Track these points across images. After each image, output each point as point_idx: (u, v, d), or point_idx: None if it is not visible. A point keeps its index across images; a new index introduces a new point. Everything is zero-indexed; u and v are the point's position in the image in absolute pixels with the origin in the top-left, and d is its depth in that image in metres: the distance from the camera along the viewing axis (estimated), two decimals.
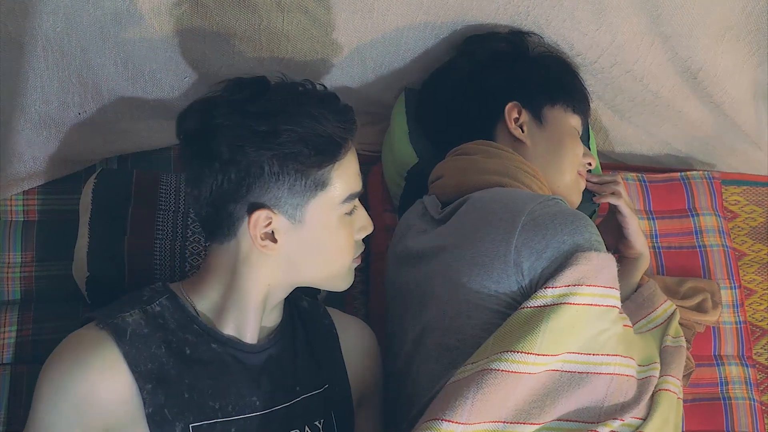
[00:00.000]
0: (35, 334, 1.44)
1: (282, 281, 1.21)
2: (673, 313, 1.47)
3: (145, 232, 1.45)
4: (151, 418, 1.09)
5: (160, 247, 1.45)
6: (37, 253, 1.51)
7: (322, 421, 1.23)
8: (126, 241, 1.43)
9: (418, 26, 1.49)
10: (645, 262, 1.57)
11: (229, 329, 1.20)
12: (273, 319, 1.26)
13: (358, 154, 1.74)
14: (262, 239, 1.15)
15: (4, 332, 1.43)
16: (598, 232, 1.23)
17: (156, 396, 1.10)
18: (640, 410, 1.20)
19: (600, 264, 1.18)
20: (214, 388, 1.15)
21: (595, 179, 1.59)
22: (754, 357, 1.72)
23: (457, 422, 1.10)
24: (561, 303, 1.15)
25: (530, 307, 1.15)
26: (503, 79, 1.47)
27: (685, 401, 1.59)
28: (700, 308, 1.62)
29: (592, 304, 1.17)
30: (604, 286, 1.19)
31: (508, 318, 1.16)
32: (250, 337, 1.21)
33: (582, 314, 1.16)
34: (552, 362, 1.14)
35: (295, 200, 1.15)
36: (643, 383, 1.24)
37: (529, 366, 1.12)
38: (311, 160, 1.14)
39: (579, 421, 1.15)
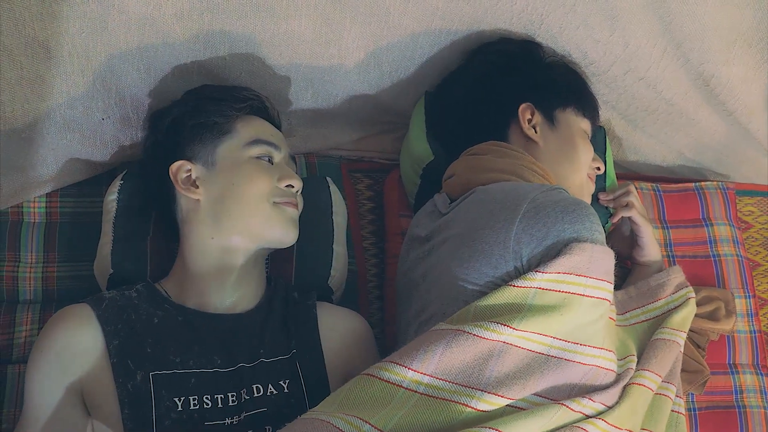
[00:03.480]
0: None
1: (220, 235, 1.33)
2: (681, 304, 1.48)
3: (168, 234, 1.48)
4: (115, 368, 1.22)
5: None
6: (59, 254, 1.54)
7: (287, 381, 1.29)
8: (149, 241, 1.46)
9: (433, 32, 1.51)
10: (658, 269, 1.59)
11: (192, 302, 1.33)
12: (247, 297, 1.36)
13: (373, 162, 1.80)
14: (184, 185, 1.35)
15: (26, 330, 1.46)
16: (599, 222, 1.24)
17: (121, 350, 1.24)
18: (608, 398, 1.20)
19: (594, 256, 1.19)
20: (176, 345, 1.26)
21: (609, 196, 1.61)
22: None
23: (423, 372, 1.13)
24: (549, 289, 1.16)
25: (517, 286, 1.16)
26: (517, 81, 1.50)
27: (699, 409, 1.61)
28: (712, 317, 1.63)
29: (583, 295, 1.18)
30: (597, 278, 1.19)
31: (493, 292, 1.17)
32: (213, 306, 1.33)
33: (571, 302, 1.17)
34: (536, 342, 1.16)
35: (206, 148, 1.37)
36: (619, 376, 1.25)
37: (504, 336, 1.14)
38: (213, 109, 1.38)
39: (547, 398, 1.15)
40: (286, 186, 1.37)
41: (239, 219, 1.33)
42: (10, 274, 1.51)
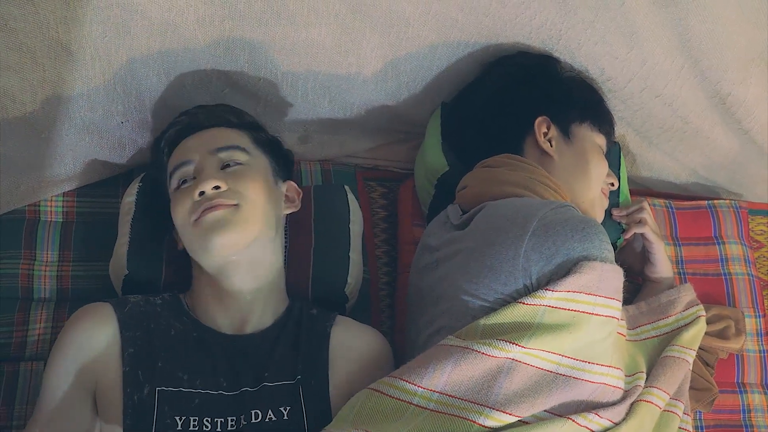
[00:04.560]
0: None
1: (202, 264, 1.33)
2: (692, 322, 1.49)
3: None
4: (126, 376, 1.23)
5: None
6: (75, 254, 1.55)
7: (288, 408, 1.25)
8: (165, 244, 1.47)
9: (452, 43, 1.52)
10: (669, 285, 1.59)
11: (207, 321, 1.33)
12: (255, 317, 1.34)
13: (389, 171, 1.80)
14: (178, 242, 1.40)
15: (40, 328, 1.47)
16: (608, 240, 1.25)
17: (134, 359, 1.25)
18: (615, 414, 1.21)
19: (604, 274, 1.19)
20: (186, 362, 1.26)
21: (622, 212, 1.62)
22: None
23: (432, 390, 1.14)
24: (558, 307, 1.17)
25: (527, 303, 1.17)
26: (534, 95, 1.51)
27: (707, 427, 1.62)
28: (722, 335, 1.63)
29: (592, 313, 1.18)
30: (606, 297, 1.20)
31: (501, 308, 1.18)
32: (225, 327, 1.32)
33: (580, 321, 1.18)
34: (544, 360, 1.16)
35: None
36: (627, 393, 1.26)
37: (512, 353, 1.15)
38: (157, 167, 1.42)
39: (555, 414, 1.16)
40: (199, 195, 1.29)
41: (192, 252, 1.33)
42: (26, 272, 1.52)
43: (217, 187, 1.29)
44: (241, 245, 1.28)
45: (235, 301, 1.33)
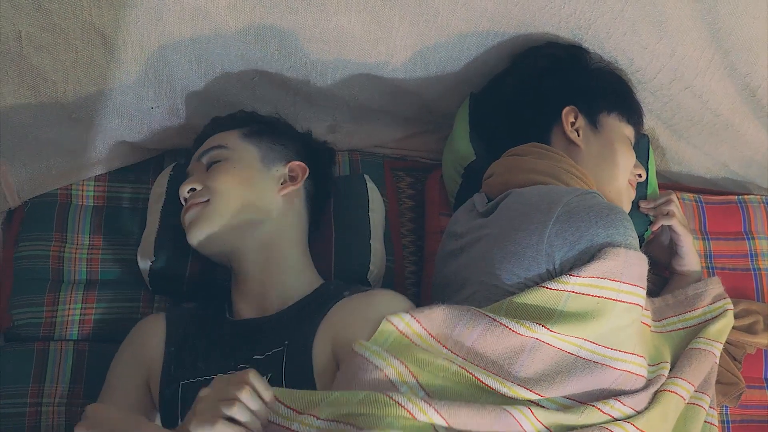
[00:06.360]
0: (97, 314, 1.50)
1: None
2: (719, 315, 1.48)
3: None
4: (163, 372, 1.31)
5: None
6: (105, 238, 1.57)
7: (269, 375, 1.23)
8: None
9: (481, 33, 1.52)
10: (697, 279, 1.58)
11: (235, 311, 1.38)
12: (276, 299, 1.35)
13: (417, 161, 1.80)
14: None
15: (69, 309, 1.49)
16: (633, 227, 1.24)
17: (172, 356, 1.32)
18: (637, 402, 1.20)
19: (628, 261, 1.19)
20: (204, 353, 1.31)
21: (650, 204, 1.61)
22: None
23: (456, 353, 1.15)
24: (583, 293, 1.17)
25: (551, 288, 1.17)
26: (562, 84, 1.51)
27: (733, 422, 1.60)
28: (750, 330, 1.61)
29: (616, 300, 1.18)
30: (630, 284, 1.20)
31: (525, 291, 1.18)
32: (247, 313, 1.36)
33: (604, 307, 1.17)
34: (566, 342, 1.16)
35: None
36: (650, 381, 1.26)
37: (537, 334, 1.15)
38: None
39: (578, 401, 1.16)
40: (184, 201, 1.41)
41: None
42: (57, 254, 1.54)
43: (193, 189, 1.39)
44: (218, 235, 1.36)
45: (251, 286, 1.37)
